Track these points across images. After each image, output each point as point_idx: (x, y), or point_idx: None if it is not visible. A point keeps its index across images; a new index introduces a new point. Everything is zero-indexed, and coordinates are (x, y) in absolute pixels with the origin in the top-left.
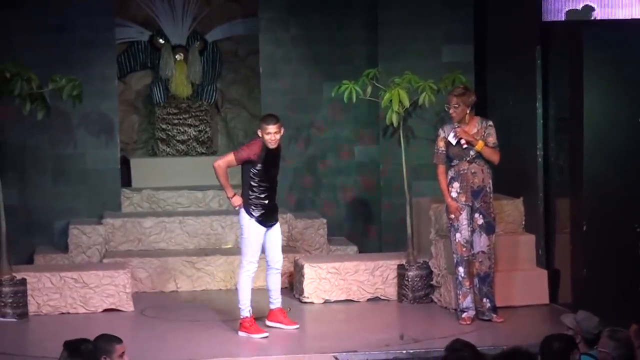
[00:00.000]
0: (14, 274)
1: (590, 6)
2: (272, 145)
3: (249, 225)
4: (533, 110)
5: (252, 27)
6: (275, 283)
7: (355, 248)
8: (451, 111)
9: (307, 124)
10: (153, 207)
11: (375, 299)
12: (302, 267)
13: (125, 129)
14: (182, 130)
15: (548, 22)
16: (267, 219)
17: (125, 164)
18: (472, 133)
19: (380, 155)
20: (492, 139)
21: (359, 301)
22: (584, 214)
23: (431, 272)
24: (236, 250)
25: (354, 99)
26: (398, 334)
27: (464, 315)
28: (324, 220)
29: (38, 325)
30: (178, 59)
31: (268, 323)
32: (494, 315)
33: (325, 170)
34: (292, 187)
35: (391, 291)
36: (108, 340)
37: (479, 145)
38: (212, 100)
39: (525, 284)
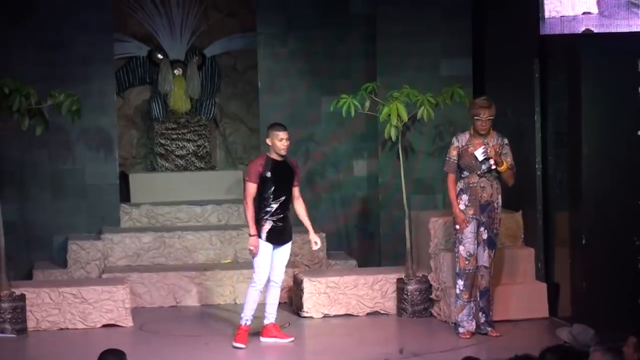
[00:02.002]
0: (12, 290)
1: (591, 30)
2: (283, 152)
3: (259, 244)
4: (531, 123)
5: (251, 42)
6: (272, 297)
7: (354, 262)
8: (482, 124)
9: (305, 138)
10: (152, 222)
11: (375, 313)
12: (301, 282)
13: (124, 144)
14: (180, 145)
15: (546, 36)
16: (275, 239)
17: (124, 179)
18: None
19: (379, 169)
20: (510, 160)
21: (359, 315)
22: (583, 227)
23: (430, 286)
24: (235, 265)
25: (353, 113)
26: (397, 348)
27: (462, 330)
28: (323, 235)
29: (37, 341)
30: (176, 74)
31: (262, 339)
32: (490, 329)
33: (324, 185)
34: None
35: (390, 305)
36: (117, 355)
37: (504, 168)
38: (211, 115)
39: (525, 297)
